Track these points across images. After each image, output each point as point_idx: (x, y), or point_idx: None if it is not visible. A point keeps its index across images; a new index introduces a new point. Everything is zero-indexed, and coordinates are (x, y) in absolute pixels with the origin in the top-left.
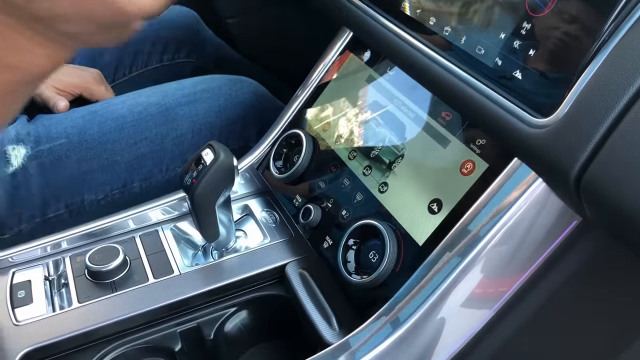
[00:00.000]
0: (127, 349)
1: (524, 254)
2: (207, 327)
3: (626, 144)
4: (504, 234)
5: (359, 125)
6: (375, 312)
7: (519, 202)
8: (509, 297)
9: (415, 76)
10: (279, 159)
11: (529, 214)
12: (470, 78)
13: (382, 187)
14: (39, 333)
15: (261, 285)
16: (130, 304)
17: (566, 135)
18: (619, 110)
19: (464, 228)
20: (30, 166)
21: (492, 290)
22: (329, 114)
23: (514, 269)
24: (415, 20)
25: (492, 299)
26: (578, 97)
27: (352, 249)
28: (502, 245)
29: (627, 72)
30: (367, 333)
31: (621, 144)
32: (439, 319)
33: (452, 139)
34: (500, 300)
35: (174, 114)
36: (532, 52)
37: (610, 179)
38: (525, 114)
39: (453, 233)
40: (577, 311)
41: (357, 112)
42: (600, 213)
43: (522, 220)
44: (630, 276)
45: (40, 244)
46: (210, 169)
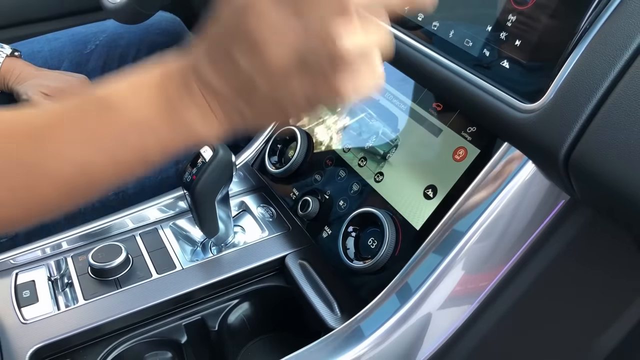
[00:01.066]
0: (134, 343)
1: (515, 234)
2: (211, 319)
3: (610, 124)
4: (496, 215)
5: (352, 119)
6: (376, 296)
7: (509, 185)
8: (506, 272)
9: (406, 70)
10: (273, 155)
11: (519, 196)
12: (460, 69)
13: (378, 176)
14: (47, 330)
15: (261, 277)
16: (135, 299)
17: (553, 119)
18: (602, 92)
19: (458, 211)
20: None
21: (488, 267)
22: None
23: (505, 250)
24: (402, 15)
25: (488, 275)
26: (563, 83)
27: (351, 236)
28: (494, 227)
29: (608, 58)
30: (369, 316)
31: (605, 124)
32: (439, 297)
33: (443, 128)
34: (497, 275)
35: None
36: (518, 43)
37: (597, 156)
38: (514, 101)
39: (449, 216)
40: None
41: (349, 107)
42: (588, 190)
43: (512, 202)
44: (612, 256)
45: (40, 246)
46: (210, 165)
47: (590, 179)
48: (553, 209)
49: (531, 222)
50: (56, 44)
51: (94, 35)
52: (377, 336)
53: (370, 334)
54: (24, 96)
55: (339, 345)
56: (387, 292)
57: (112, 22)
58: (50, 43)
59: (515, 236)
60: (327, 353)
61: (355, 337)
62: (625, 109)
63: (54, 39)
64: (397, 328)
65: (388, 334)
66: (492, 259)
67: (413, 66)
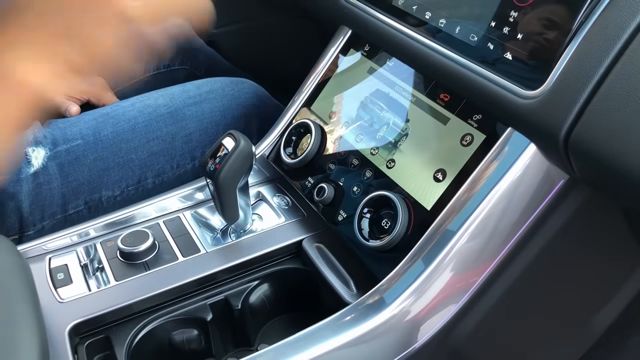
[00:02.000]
0: (164, 320)
1: (518, 212)
2: (234, 299)
3: (605, 107)
4: (501, 195)
5: (363, 111)
6: (390, 272)
7: (512, 166)
8: (510, 248)
9: (415, 64)
10: (288, 146)
11: (521, 177)
12: (466, 61)
13: (390, 163)
14: (83, 308)
15: (280, 259)
16: (163, 280)
17: (554, 103)
18: (597, 78)
19: (466, 192)
20: (50, 166)
21: (495, 242)
22: (334, 103)
23: (509, 227)
24: (412, 15)
25: (495, 249)
26: (562, 71)
27: (365, 217)
28: (500, 205)
29: (603, 47)
30: (384, 290)
31: (601, 107)
32: (450, 271)
33: (451, 117)
34: (502, 252)
35: (182, 115)
36: (520, 36)
37: (594, 136)
38: (517, 88)
39: (458, 197)
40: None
41: (360, 100)
42: (586, 168)
43: (515, 182)
44: (608, 233)
45: (68, 233)
46: (233, 154)
47: (587, 157)
48: (553, 188)
49: (533, 201)
50: None
51: None
52: (394, 308)
53: (384, 308)
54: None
55: (357, 316)
56: (399, 269)
57: None
58: None
59: (519, 214)
60: (347, 323)
61: (371, 310)
62: (618, 93)
63: None
64: (408, 305)
65: (403, 306)
66: (496, 237)
67: (421, 60)
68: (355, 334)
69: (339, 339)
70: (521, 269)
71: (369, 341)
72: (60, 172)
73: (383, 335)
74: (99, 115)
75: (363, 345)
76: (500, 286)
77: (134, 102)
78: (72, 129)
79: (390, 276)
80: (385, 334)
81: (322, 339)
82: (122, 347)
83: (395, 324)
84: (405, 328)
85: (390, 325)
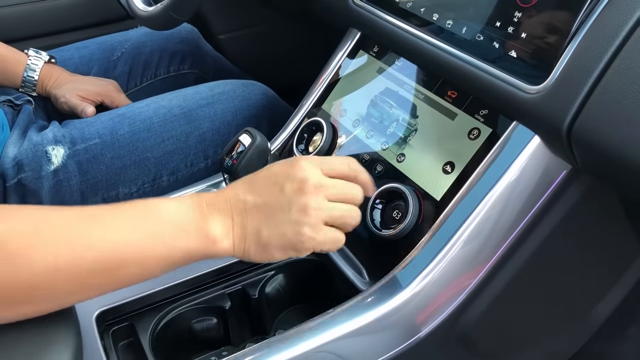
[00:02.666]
0: (185, 309)
1: (522, 201)
2: (251, 288)
3: (605, 100)
4: (507, 185)
5: (373, 109)
6: (401, 260)
7: (518, 158)
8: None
9: (423, 63)
10: (300, 143)
11: (526, 168)
12: (473, 59)
13: (400, 157)
14: (108, 297)
15: None
16: (183, 271)
17: (556, 98)
18: (597, 73)
19: (474, 182)
20: (70, 164)
21: (499, 232)
22: (344, 102)
23: (512, 217)
24: (419, 16)
25: (500, 239)
26: (564, 67)
27: (377, 208)
28: (505, 194)
29: (601, 45)
30: (396, 277)
31: (601, 100)
32: (460, 257)
33: (458, 112)
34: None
35: (195, 115)
36: (523, 35)
37: (594, 127)
38: (521, 84)
39: (466, 187)
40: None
41: (370, 99)
42: (587, 157)
43: (520, 173)
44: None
45: None
46: (250, 149)
47: (589, 147)
48: (556, 179)
49: (536, 191)
50: (85, 51)
51: (119, 43)
52: (406, 293)
53: (395, 295)
54: (62, 99)
55: (371, 302)
56: (410, 257)
57: (135, 32)
58: (80, 51)
59: (522, 204)
60: (361, 309)
61: (387, 294)
62: (617, 86)
63: (83, 47)
64: (424, 286)
65: (415, 291)
66: (501, 227)
67: (430, 59)
68: (369, 319)
69: (354, 323)
70: (525, 257)
71: (383, 325)
72: (79, 170)
73: (396, 319)
74: (115, 115)
75: (377, 329)
76: (504, 275)
77: (148, 103)
78: (89, 128)
79: (401, 264)
80: (398, 319)
81: (337, 324)
82: (146, 334)
83: (408, 309)
84: (417, 313)
85: (403, 309)
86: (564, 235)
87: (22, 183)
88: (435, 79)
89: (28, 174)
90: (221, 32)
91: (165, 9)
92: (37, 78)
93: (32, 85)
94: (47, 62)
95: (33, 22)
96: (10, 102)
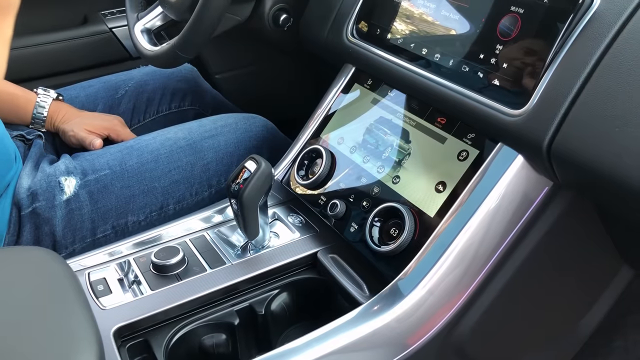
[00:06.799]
0: (196, 325)
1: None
2: (257, 305)
3: (579, 121)
4: (494, 202)
5: (369, 136)
6: (399, 273)
7: (503, 176)
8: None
9: (415, 94)
10: (301, 169)
11: (510, 185)
12: (460, 88)
13: (395, 179)
14: (124, 314)
15: (297, 270)
16: (194, 289)
17: (536, 119)
18: (571, 97)
19: (465, 199)
20: (81, 194)
21: (488, 246)
22: (341, 131)
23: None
24: (410, 52)
25: (489, 253)
26: (542, 93)
27: (375, 226)
28: (494, 209)
29: (575, 71)
30: (394, 290)
31: (576, 120)
32: (454, 269)
33: (448, 137)
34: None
35: (200, 146)
36: (505, 65)
37: (572, 145)
38: (505, 108)
39: (457, 204)
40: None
41: (366, 127)
42: (565, 172)
43: (505, 190)
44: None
45: (102, 251)
46: (255, 175)
47: (567, 163)
48: (540, 194)
49: (521, 207)
50: (90, 90)
51: (123, 82)
52: (404, 304)
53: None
54: (70, 132)
55: (370, 314)
56: (407, 270)
57: (138, 71)
58: (85, 89)
59: (508, 219)
60: (361, 321)
61: (386, 306)
62: (590, 107)
63: (88, 86)
64: (421, 297)
65: (413, 302)
66: (489, 242)
67: (420, 89)
68: (368, 330)
69: (354, 333)
70: (512, 270)
71: (380, 337)
72: (90, 199)
73: (394, 330)
74: (124, 147)
75: (374, 340)
76: (495, 286)
77: (155, 135)
78: (99, 160)
79: (399, 277)
80: (396, 329)
81: (338, 334)
82: (160, 349)
83: (405, 319)
84: (415, 323)
85: (401, 320)
86: (548, 249)
87: (36, 212)
88: (425, 107)
89: (42, 203)
90: (217, 72)
91: (171, 48)
92: (46, 114)
93: (42, 121)
94: (55, 99)
95: (40, 63)
96: (22, 136)
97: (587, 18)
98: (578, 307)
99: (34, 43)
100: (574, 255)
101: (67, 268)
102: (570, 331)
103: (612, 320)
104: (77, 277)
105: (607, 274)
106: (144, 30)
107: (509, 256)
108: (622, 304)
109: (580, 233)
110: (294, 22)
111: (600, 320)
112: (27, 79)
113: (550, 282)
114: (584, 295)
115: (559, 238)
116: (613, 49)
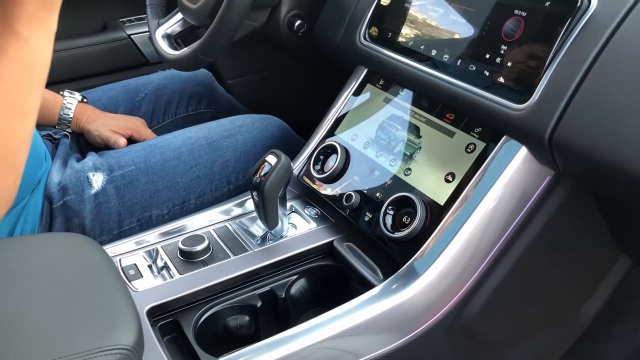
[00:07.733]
0: (221, 307)
1: (511, 205)
2: (278, 289)
3: (578, 113)
4: (499, 191)
5: (381, 132)
6: (411, 258)
7: (507, 167)
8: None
9: (425, 92)
10: (317, 164)
11: (514, 175)
12: (467, 86)
13: (407, 171)
14: (155, 296)
15: (314, 257)
16: (219, 273)
17: (539, 113)
18: (571, 92)
19: (471, 189)
20: (108, 188)
21: (493, 232)
22: (355, 128)
23: (503, 220)
24: (420, 53)
25: (495, 238)
26: (544, 87)
27: (389, 214)
28: (499, 197)
29: (573, 68)
30: (406, 273)
31: (575, 112)
32: (462, 254)
33: (456, 131)
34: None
35: (219, 145)
36: (509, 64)
37: (572, 136)
38: (509, 103)
39: (465, 193)
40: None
41: (379, 124)
42: (567, 161)
43: (510, 180)
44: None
45: (131, 240)
46: (276, 168)
47: (567, 152)
48: (542, 183)
49: (524, 195)
50: (112, 93)
51: (143, 86)
52: (416, 285)
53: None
54: (95, 132)
55: (383, 295)
56: (419, 255)
57: (157, 76)
58: (107, 93)
59: (514, 205)
60: (375, 301)
61: (400, 286)
62: (587, 101)
63: (109, 89)
64: (432, 279)
65: (424, 284)
66: (495, 227)
67: (430, 88)
68: (384, 307)
69: (368, 312)
70: (516, 255)
71: (394, 316)
72: (117, 194)
73: (409, 308)
74: (147, 146)
75: (389, 319)
76: (500, 271)
77: (176, 134)
78: (125, 157)
79: (411, 261)
80: (408, 309)
81: (355, 312)
82: (190, 328)
83: (417, 300)
84: (425, 304)
85: (413, 301)
86: (549, 237)
87: (67, 205)
88: (435, 104)
89: (72, 197)
90: (229, 78)
91: (193, 52)
92: (72, 116)
93: (68, 122)
94: (80, 101)
95: (64, 68)
96: (49, 136)
97: (585, 20)
98: (578, 294)
99: (57, 49)
100: (574, 243)
101: (103, 252)
102: (571, 318)
103: (612, 308)
104: (112, 260)
105: (606, 263)
106: (164, 35)
107: (513, 242)
108: (621, 293)
109: (580, 223)
110: (308, 28)
111: (600, 307)
112: (51, 83)
113: (551, 269)
114: (583, 283)
115: (560, 227)
116: (609, 48)
